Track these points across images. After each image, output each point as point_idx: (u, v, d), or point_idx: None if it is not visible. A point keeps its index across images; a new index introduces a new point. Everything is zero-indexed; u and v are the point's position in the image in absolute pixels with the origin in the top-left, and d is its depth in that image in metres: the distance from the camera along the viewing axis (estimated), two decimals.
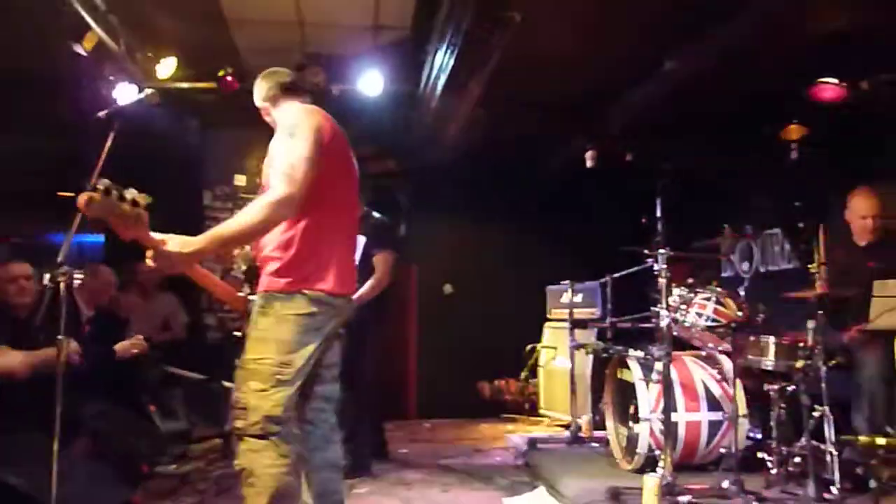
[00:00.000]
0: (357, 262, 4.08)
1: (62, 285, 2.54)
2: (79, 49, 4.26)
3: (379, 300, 4.34)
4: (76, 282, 4.42)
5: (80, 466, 3.18)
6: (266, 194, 2.31)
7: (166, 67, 5.10)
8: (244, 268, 2.77)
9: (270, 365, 2.32)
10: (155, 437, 4.28)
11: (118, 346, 4.26)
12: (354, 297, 4.15)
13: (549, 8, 4.08)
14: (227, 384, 4.33)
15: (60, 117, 5.00)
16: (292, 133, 2.39)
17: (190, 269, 2.41)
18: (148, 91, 2.60)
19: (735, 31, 3.92)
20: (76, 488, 2.90)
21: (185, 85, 5.41)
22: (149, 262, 2.20)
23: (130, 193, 2.08)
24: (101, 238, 6.65)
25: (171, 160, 6.03)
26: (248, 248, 2.72)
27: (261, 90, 2.69)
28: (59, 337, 2.57)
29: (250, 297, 2.59)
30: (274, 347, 2.33)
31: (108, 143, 2.65)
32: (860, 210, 3.95)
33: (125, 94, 4.74)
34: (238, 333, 2.91)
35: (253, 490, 2.28)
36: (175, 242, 2.22)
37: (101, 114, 2.59)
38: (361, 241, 4.30)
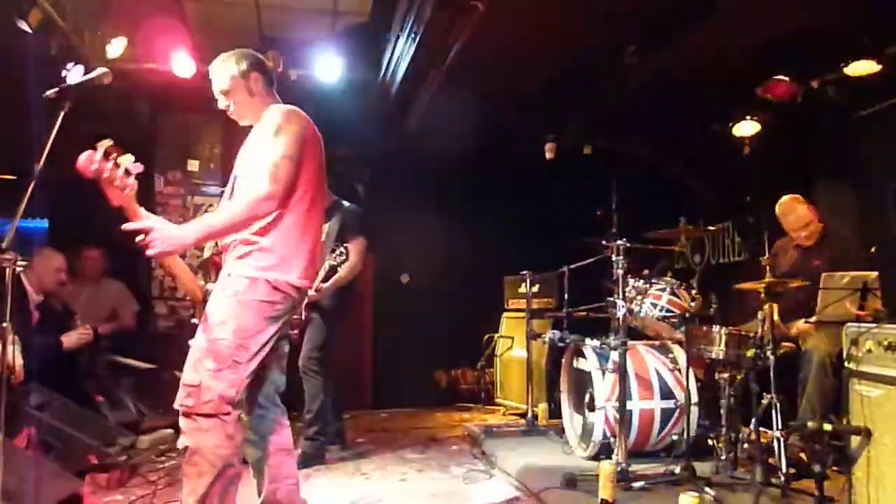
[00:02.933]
0: (337, 256, 4.20)
1: (8, 272, 2.44)
2: (24, 25, 4.08)
3: (348, 285, 4.46)
4: (18, 269, 4.26)
5: (24, 458, 3.08)
6: (251, 190, 2.38)
7: (116, 47, 4.92)
8: (206, 256, 2.75)
9: (227, 346, 2.34)
10: (103, 428, 4.17)
11: (65, 338, 4.14)
12: (329, 283, 4.27)
13: None
14: (178, 374, 4.25)
15: (3, 96, 4.79)
16: (276, 132, 2.44)
17: (174, 254, 2.41)
18: (101, 70, 2.49)
19: (695, 28, 3.98)
20: (21, 480, 2.81)
21: (136, 66, 5.23)
22: (141, 241, 2.19)
23: (125, 161, 2.13)
24: (45, 224, 6.41)
25: (120, 144, 5.83)
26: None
27: (231, 68, 2.62)
28: (4, 325, 2.47)
29: (208, 287, 2.56)
30: (233, 330, 2.35)
31: (57, 125, 2.54)
32: (790, 223, 4.09)
33: (73, 73, 4.55)
34: (196, 321, 2.86)
35: (195, 470, 2.29)
36: (159, 231, 2.22)
37: (50, 93, 2.48)
38: (334, 228, 4.37)
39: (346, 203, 4.63)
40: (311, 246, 2.58)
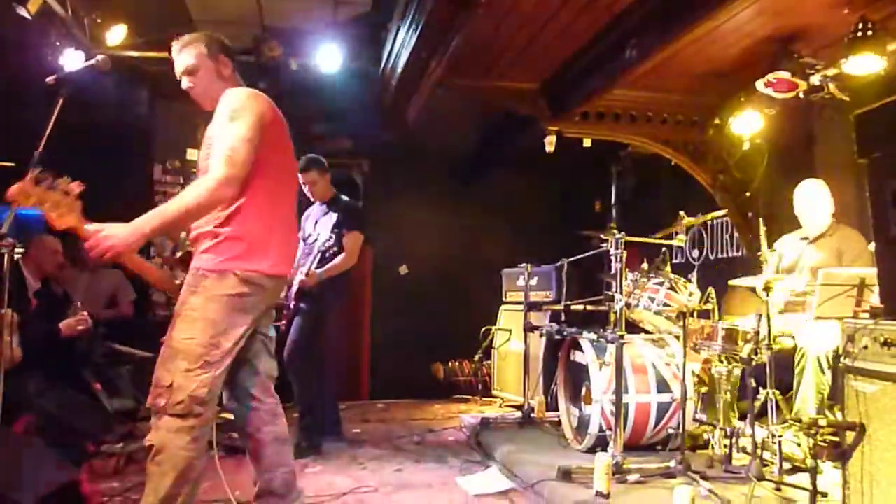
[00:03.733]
0: (327, 241, 4.19)
1: (6, 257, 2.44)
2: (23, 12, 4.06)
3: (341, 278, 4.44)
4: (16, 255, 4.27)
5: (22, 445, 3.08)
6: (207, 175, 2.31)
7: (116, 34, 4.91)
8: (179, 254, 2.71)
9: (198, 346, 2.30)
10: (100, 416, 4.19)
11: (63, 324, 4.14)
12: (322, 270, 4.25)
13: None
14: None
15: (2, 83, 4.78)
16: (233, 117, 2.36)
17: (129, 253, 2.35)
18: (100, 57, 2.49)
19: (694, 24, 3.95)
20: (18, 468, 2.81)
21: (135, 54, 5.21)
22: (91, 245, 2.15)
23: (62, 183, 2.08)
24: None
25: (119, 131, 5.82)
26: (183, 235, 2.66)
27: (199, 47, 2.53)
28: (1, 311, 2.48)
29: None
30: (202, 327, 2.31)
31: (56, 112, 2.54)
32: (807, 209, 4.07)
33: (72, 60, 4.54)
34: None
35: (159, 469, 2.28)
36: (112, 228, 2.18)
37: (50, 80, 2.48)
38: (332, 219, 4.37)
39: (345, 197, 4.64)
40: (281, 232, 2.50)
